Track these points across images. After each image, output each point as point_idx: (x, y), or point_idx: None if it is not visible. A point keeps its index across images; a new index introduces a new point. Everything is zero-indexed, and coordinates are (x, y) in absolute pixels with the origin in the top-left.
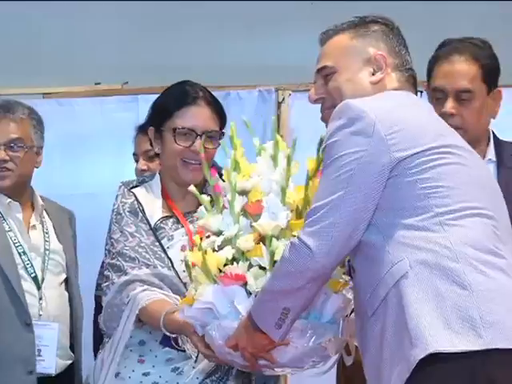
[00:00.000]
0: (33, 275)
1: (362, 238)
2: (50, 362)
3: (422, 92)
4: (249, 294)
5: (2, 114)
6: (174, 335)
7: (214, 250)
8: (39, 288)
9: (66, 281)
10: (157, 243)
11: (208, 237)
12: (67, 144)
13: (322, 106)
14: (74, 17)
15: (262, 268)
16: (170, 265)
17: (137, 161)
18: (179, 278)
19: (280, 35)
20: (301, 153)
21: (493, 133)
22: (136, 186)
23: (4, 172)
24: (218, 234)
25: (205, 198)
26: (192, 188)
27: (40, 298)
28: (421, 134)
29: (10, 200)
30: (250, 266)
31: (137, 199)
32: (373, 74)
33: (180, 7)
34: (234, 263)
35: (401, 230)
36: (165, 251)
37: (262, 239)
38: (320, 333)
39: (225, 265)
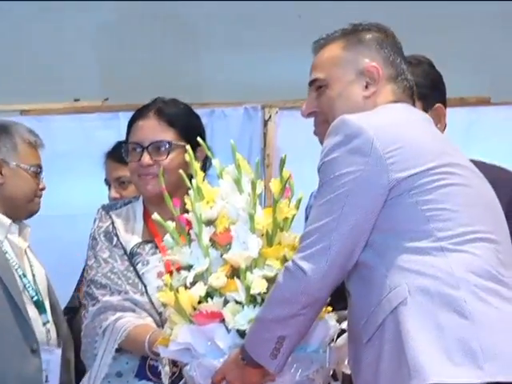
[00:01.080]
0: (35, 299)
1: (358, 258)
2: None
3: None
4: (228, 330)
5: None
6: (157, 358)
7: (185, 287)
8: (44, 311)
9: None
10: (131, 268)
11: (178, 270)
12: (45, 163)
13: (314, 119)
14: (53, 31)
15: (239, 302)
16: (143, 290)
17: (109, 186)
18: (152, 304)
19: (267, 50)
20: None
21: None
22: (120, 208)
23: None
24: (188, 268)
25: (170, 226)
26: (156, 217)
27: (45, 323)
28: (421, 153)
29: (10, 221)
30: (226, 302)
31: (113, 223)
32: (366, 87)
33: (162, 22)
34: (209, 299)
35: (400, 254)
36: (139, 277)
37: (234, 271)
38: (306, 365)
39: (199, 302)
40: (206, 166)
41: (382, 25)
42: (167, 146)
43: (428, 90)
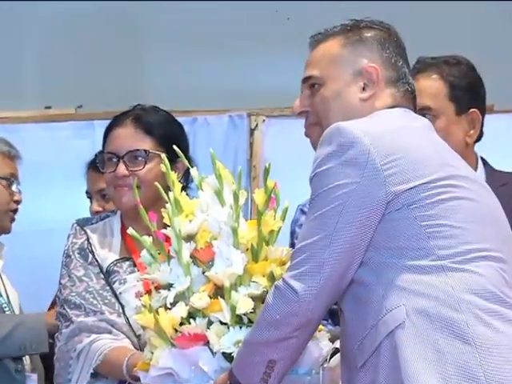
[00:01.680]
0: None
1: (354, 276)
2: None
3: None
4: (213, 353)
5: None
6: (136, 382)
7: (166, 308)
8: None
9: None
10: (107, 287)
11: (157, 288)
12: None
13: (306, 119)
14: (21, 35)
15: (224, 323)
16: (120, 311)
17: (90, 198)
18: (130, 326)
19: (253, 54)
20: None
21: (482, 160)
22: (96, 223)
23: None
24: (168, 287)
25: (147, 241)
26: (131, 231)
27: None
28: (421, 164)
29: None
30: (210, 323)
31: (88, 239)
32: (363, 89)
33: (141, 24)
34: (192, 320)
35: (398, 272)
36: (116, 296)
37: (218, 289)
38: None
39: (181, 323)
40: (187, 177)
41: (386, 23)
42: (144, 156)
43: (463, 92)
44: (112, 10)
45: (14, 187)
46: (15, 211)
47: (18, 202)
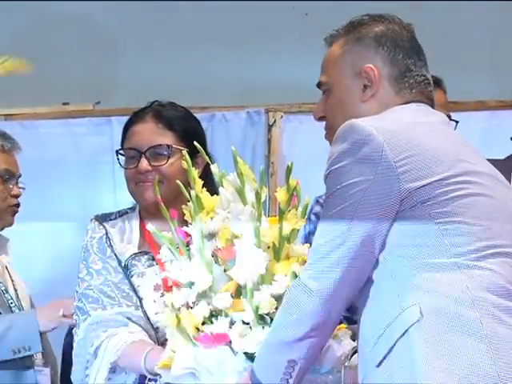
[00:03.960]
0: None
1: (369, 275)
2: None
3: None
4: (236, 353)
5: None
6: (154, 376)
7: (188, 307)
8: None
9: None
10: (125, 281)
11: (176, 285)
12: (32, 172)
13: (325, 124)
14: (38, 30)
15: (246, 323)
16: (138, 304)
17: None
18: (148, 319)
19: (271, 50)
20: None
21: None
22: (114, 219)
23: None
24: (190, 285)
25: (166, 237)
26: (150, 228)
27: None
28: (436, 161)
29: None
30: (232, 323)
31: (106, 234)
32: (364, 90)
33: (159, 20)
34: (214, 320)
35: (412, 270)
36: (134, 289)
37: (240, 288)
38: None
39: (203, 323)
40: (207, 173)
41: (387, 15)
42: (166, 151)
43: None
44: (130, 7)
45: (10, 183)
46: (17, 205)
47: (16, 196)
